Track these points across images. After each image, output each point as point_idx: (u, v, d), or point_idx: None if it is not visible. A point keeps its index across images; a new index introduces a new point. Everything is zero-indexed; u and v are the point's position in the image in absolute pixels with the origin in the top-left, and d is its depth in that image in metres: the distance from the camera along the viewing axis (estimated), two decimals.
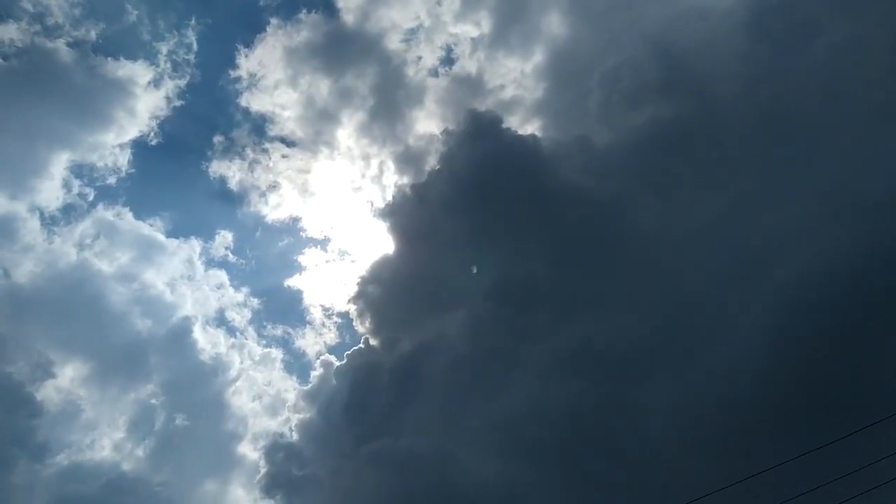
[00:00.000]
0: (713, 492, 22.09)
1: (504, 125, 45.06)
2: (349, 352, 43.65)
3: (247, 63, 57.99)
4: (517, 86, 52.33)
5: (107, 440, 47.90)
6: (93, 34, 54.06)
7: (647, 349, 34.39)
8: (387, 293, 44.41)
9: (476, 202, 42.81)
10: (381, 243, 65.81)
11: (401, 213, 46.19)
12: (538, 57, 52.36)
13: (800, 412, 28.34)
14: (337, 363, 44.98)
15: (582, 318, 37.91)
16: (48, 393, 45.26)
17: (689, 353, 33.67)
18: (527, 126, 48.77)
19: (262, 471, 41.59)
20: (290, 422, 45.88)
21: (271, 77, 57.94)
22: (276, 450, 41.91)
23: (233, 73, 59.06)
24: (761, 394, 29.81)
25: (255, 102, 58.71)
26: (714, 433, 30.19)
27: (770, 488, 21.62)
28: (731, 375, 31.53)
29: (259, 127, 59.42)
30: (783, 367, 29.74)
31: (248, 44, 60.20)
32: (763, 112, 38.14)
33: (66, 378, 47.36)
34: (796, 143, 36.03)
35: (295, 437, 43.10)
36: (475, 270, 41.72)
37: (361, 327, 44.36)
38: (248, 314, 58.26)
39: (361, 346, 43.24)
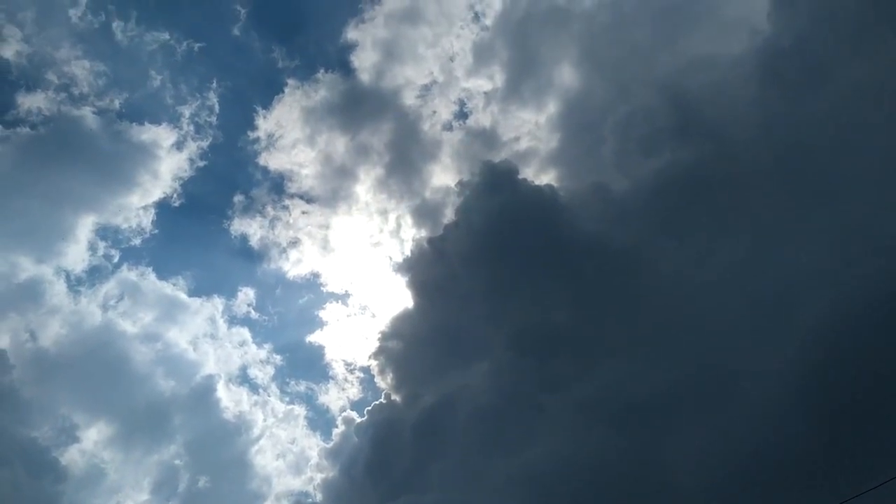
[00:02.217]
0: None
1: (520, 176, 45.39)
2: (369, 407, 43.57)
3: (265, 124, 59.40)
4: (531, 137, 53.03)
5: (130, 503, 47.83)
6: (117, 103, 55.76)
7: (671, 397, 33.88)
8: (407, 348, 44.42)
9: (494, 253, 42.89)
10: (401, 297, 66.15)
11: (419, 267, 46.42)
12: (551, 108, 53.18)
13: (829, 460, 27.66)
14: (358, 419, 44.83)
15: (605, 366, 37.51)
16: (72, 457, 45.51)
17: (715, 401, 33.07)
18: (542, 176, 49.31)
19: None
20: (313, 480, 45.58)
21: (289, 136, 59.31)
22: None
23: (252, 135, 60.45)
24: (789, 441, 29.16)
25: (274, 161, 59.94)
26: (742, 483, 29.49)
27: None
28: (758, 422, 30.90)
29: (278, 185, 60.60)
30: (811, 413, 29.14)
31: (267, 105, 61.74)
32: (778, 155, 38.12)
33: (91, 441, 47.67)
34: (813, 186, 35.89)
35: (319, 496, 42.76)
36: None
37: (383, 383, 44.30)
38: (270, 371, 58.64)
39: (382, 401, 43.10)
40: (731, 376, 32.72)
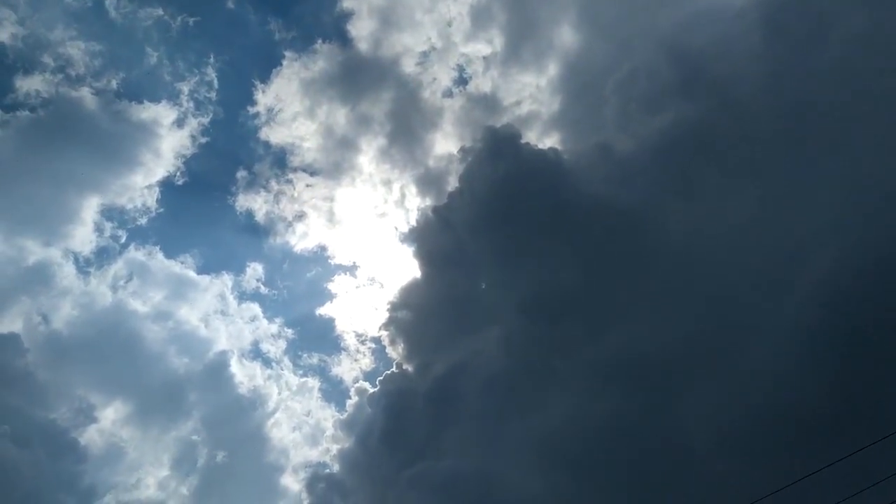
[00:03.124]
0: (758, 499, 21.82)
1: (522, 140, 44.96)
2: (381, 377, 43.78)
3: (264, 98, 58.95)
4: (533, 100, 52.39)
5: (151, 479, 48.66)
6: (114, 82, 55.32)
7: (682, 356, 33.97)
8: (417, 317, 44.49)
9: (500, 219, 42.64)
10: (409, 267, 66.15)
11: (425, 237, 46.28)
12: (552, 70, 52.46)
13: (841, 415, 27.74)
14: (372, 390, 45.12)
15: (615, 328, 37.54)
16: (91, 437, 46.13)
17: (725, 358, 33.14)
18: (546, 140, 48.81)
19: (305, 503, 41.84)
20: (330, 451, 46.06)
21: (289, 109, 58.79)
22: (317, 481, 42.11)
23: (252, 109, 60.04)
24: (801, 398, 29.25)
25: (275, 135, 59.56)
26: (755, 438, 29.67)
27: (814, 493, 21.20)
28: (769, 379, 30.99)
29: (281, 159, 60.30)
30: (823, 369, 29.18)
31: (265, 78, 61.21)
32: (784, 109, 37.67)
33: (108, 420, 48.26)
34: (820, 139, 35.51)
35: (336, 467, 43.22)
36: None
37: (394, 353, 44.43)
38: (282, 345, 58.91)
39: (394, 370, 43.26)
40: (742, 334, 32.75)
